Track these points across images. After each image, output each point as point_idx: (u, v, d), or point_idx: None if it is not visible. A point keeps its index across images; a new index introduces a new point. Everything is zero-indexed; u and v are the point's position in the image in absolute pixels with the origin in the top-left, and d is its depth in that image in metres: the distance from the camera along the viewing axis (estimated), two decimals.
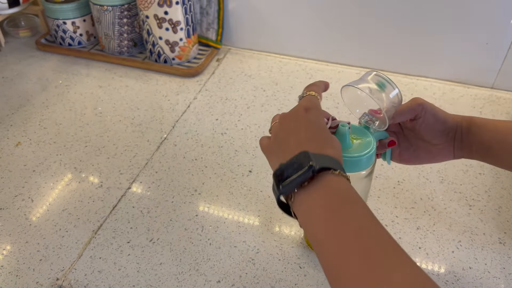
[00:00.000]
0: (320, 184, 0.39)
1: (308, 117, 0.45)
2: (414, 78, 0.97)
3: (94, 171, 0.76)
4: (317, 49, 1.02)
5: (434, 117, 0.52)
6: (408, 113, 0.52)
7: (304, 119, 0.45)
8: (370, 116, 0.53)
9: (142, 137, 0.83)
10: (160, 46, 0.98)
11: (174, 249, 0.63)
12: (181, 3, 0.92)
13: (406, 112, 0.52)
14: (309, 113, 0.45)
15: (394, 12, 0.91)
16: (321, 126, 0.45)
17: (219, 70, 1.01)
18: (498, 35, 0.87)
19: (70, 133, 0.84)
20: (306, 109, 0.46)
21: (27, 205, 0.70)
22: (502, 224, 0.66)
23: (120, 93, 0.94)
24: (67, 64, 1.04)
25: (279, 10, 0.99)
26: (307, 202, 0.40)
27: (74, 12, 1.03)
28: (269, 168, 0.75)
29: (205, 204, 0.69)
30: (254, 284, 0.58)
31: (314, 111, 0.46)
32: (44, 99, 0.93)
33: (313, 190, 0.39)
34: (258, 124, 0.85)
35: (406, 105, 0.52)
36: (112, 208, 0.69)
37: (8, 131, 0.85)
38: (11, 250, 0.63)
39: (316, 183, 0.39)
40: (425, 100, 0.52)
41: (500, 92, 0.94)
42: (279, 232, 0.65)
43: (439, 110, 0.52)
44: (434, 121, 0.52)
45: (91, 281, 0.59)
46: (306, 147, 0.42)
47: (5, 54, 1.08)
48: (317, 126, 0.45)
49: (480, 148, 0.52)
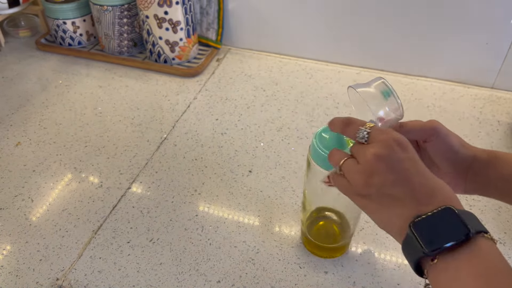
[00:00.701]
0: (472, 249, 0.35)
1: (414, 157, 0.39)
2: (414, 78, 0.97)
3: (94, 171, 0.76)
4: (317, 49, 1.02)
5: (446, 145, 0.47)
6: (418, 133, 0.47)
7: (411, 160, 0.39)
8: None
9: (142, 137, 0.83)
10: (160, 46, 0.98)
11: (174, 249, 0.63)
12: (181, 3, 0.92)
13: (416, 132, 0.47)
14: (408, 152, 0.39)
15: (394, 12, 0.91)
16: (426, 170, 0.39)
17: (219, 70, 1.01)
18: (498, 35, 0.87)
19: (70, 133, 0.84)
20: (401, 146, 0.39)
21: (27, 205, 0.70)
22: (502, 224, 0.66)
23: (120, 93, 0.94)
24: (67, 64, 1.04)
25: (279, 10, 0.99)
26: (455, 269, 0.35)
27: (74, 12, 1.03)
28: (269, 168, 0.75)
29: (205, 204, 0.69)
30: (254, 284, 0.58)
31: (411, 147, 0.40)
32: (44, 99, 0.93)
33: (464, 257, 0.34)
34: (258, 124, 0.85)
35: (420, 124, 0.47)
36: (112, 208, 0.69)
37: (8, 131, 0.85)
38: (11, 250, 0.63)
39: (468, 248, 0.35)
40: (441, 125, 0.47)
41: (500, 92, 0.93)
42: (279, 232, 0.65)
43: (455, 138, 0.47)
44: (446, 149, 0.47)
45: (91, 281, 0.59)
46: (441, 200, 0.37)
47: (5, 54, 1.08)
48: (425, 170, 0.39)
49: (500, 183, 0.47)
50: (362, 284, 0.58)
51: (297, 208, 0.68)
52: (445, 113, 0.87)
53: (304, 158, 0.77)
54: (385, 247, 0.63)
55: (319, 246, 0.61)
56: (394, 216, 0.38)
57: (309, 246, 0.62)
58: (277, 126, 0.84)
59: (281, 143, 0.81)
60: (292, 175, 0.74)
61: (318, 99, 0.91)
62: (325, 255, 0.61)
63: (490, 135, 0.82)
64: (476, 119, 0.86)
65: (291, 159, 0.77)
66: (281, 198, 0.70)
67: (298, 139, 0.81)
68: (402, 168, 0.38)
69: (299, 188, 0.72)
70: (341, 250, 0.62)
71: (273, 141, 0.81)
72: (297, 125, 0.85)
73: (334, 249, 0.61)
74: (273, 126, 0.85)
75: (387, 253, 0.62)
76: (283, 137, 0.82)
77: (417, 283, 0.58)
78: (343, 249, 0.62)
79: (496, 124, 0.85)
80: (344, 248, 0.62)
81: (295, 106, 0.90)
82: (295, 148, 0.80)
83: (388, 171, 0.38)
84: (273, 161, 0.77)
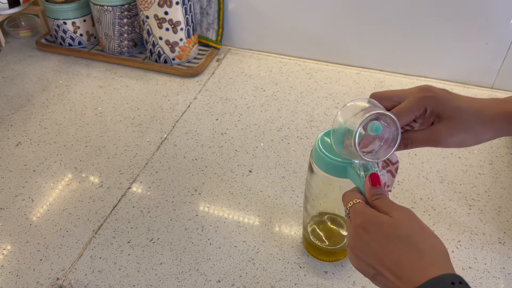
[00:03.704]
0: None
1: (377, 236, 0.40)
2: (414, 78, 0.97)
3: (94, 171, 0.76)
4: (317, 49, 1.02)
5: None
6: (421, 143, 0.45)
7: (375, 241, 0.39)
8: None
9: (142, 137, 0.83)
10: (160, 46, 0.98)
11: (174, 249, 0.63)
12: (181, 4, 0.93)
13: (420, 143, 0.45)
14: (370, 232, 0.40)
15: (394, 12, 0.91)
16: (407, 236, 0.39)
17: (219, 70, 1.01)
18: (498, 35, 0.87)
19: (70, 133, 0.84)
20: (364, 229, 0.40)
21: (27, 205, 0.70)
22: (502, 224, 0.66)
23: (120, 93, 0.94)
24: (67, 64, 1.04)
25: (279, 10, 0.99)
26: None
27: (75, 12, 1.03)
28: (269, 168, 0.75)
29: (205, 204, 0.69)
30: (254, 284, 0.58)
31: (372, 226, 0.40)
32: (44, 99, 0.93)
33: None
34: (258, 124, 0.85)
35: (422, 139, 0.45)
36: (112, 208, 0.69)
37: (8, 131, 0.85)
38: (12, 250, 0.63)
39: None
40: (441, 133, 0.44)
41: (500, 92, 0.94)
42: (279, 232, 0.65)
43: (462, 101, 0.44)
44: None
45: (91, 281, 0.59)
46: (408, 276, 0.37)
47: (6, 54, 1.08)
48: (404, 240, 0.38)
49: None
50: (362, 284, 0.58)
51: (297, 208, 0.68)
52: None
53: (304, 158, 0.77)
54: None
55: (322, 250, 0.61)
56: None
57: (312, 251, 0.62)
58: (277, 126, 0.85)
59: (281, 143, 0.81)
60: (292, 175, 0.74)
61: (318, 99, 0.92)
62: (328, 259, 0.61)
63: None
64: None
65: (291, 159, 0.77)
66: (281, 198, 0.70)
67: (298, 139, 0.81)
68: (371, 252, 0.40)
69: (299, 188, 0.72)
70: (344, 253, 0.61)
71: (273, 141, 0.81)
72: (297, 125, 0.85)
73: (336, 252, 0.61)
74: (273, 126, 0.85)
75: None
76: (283, 137, 0.82)
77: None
78: (346, 253, 0.61)
79: None
80: (346, 251, 0.62)
81: (295, 106, 0.90)
82: (295, 148, 0.80)
83: (364, 258, 0.40)
84: (273, 161, 0.77)
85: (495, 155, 0.78)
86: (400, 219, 0.40)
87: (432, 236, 0.39)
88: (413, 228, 0.39)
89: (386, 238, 0.39)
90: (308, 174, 0.55)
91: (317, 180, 0.53)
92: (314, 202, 0.57)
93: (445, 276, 0.35)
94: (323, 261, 0.61)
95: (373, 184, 0.44)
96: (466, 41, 0.90)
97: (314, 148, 0.51)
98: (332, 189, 0.53)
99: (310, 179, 0.54)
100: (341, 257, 0.61)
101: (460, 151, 0.79)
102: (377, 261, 0.39)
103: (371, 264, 0.40)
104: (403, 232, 0.39)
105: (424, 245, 0.38)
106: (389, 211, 0.41)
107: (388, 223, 0.40)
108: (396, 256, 0.38)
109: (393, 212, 0.40)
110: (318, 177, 0.52)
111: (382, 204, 0.42)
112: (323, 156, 0.49)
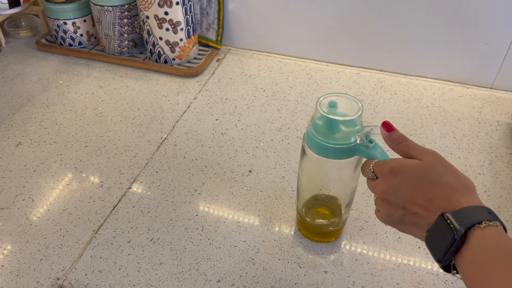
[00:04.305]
0: (469, 245, 0.36)
1: (405, 178, 0.41)
2: (413, 78, 0.97)
3: (94, 171, 0.76)
4: (317, 49, 1.02)
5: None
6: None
7: (405, 182, 0.41)
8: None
9: (143, 137, 0.83)
10: (160, 46, 0.98)
11: (174, 249, 0.63)
12: (181, 4, 0.93)
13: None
14: (398, 176, 0.42)
15: (393, 12, 0.91)
16: (438, 173, 0.40)
17: (219, 70, 1.01)
18: (498, 35, 0.87)
19: (70, 133, 0.84)
20: (393, 174, 0.42)
21: (27, 205, 0.70)
22: None
23: (121, 93, 0.94)
24: (67, 64, 1.04)
25: (279, 10, 0.99)
26: (467, 265, 0.36)
27: (75, 13, 1.03)
28: (269, 168, 0.75)
29: (205, 204, 0.70)
30: (254, 284, 0.58)
31: (402, 170, 0.42)
32: (45, 99, 0.93)
33: (468, 253, 0.36)
34: (258, 124, 0.85)
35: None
36: (112, 207, 0.69)
37: (8, 131, 0.85)
38: (12, 249, 0.63)
39: (466, 245, 0.36)
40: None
41: (499, 92, 0.94)
42: (279, 232, 0.65)
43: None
44: None
45: (91, 281, 0.59)
46: (438, 206, 0.39)
47: (6, 54, 1.08)
48: (432, 177, 0.40)
49: None
50: (361, 284, 0.58)
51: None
52: (444, 113, 0.88)
53: None
54: (385, 246, 0.63)
55: (315, 232, 0.63)
56: (415, 235, 0.42)
57: (305, 231, 0.64)
58: (277, 126, 0.85)
59: (281, 143, 0.81)
60: (292, 175, 0.74)
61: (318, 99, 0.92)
62: (320, 240, 0.63)
63: (490, 135, 0.82)
64: (476, 119, 0.86)
65: (291, 159, 0.77)
66: (281, 198, 0.70)
67: (298, 139, 0.82)
68: (402, 193, 0.41)
69: None
70: (335, 234, 0.63)
71: (273, 141, 0.81)
72: (297, 125, 0.85)
73: (328, 233, 0.63)
74: (273, 126, 0.85)
75: (386, 252, 0.62)
76: (283, 137, 0.82)
77: (416, 283, 0.58)
78: (337, 234, 0.64)
79: (496, 124, 0.85)
80: (338, 232, 0.63)
81: (295, 106, 0.90)
82: (295, 148, 0.80)
83: (394, 200, 0.42)
84: (273, 161, 0.77)
85: (495, 155, 0.78)
86: (431, 162, 0.41)
87: (463, 177, 0.41)
88: (445, 170, 0.41)
89: (418, 179, 0.41)
90: (300, 157, 0.56)
91: (309, 162, 0.55)
92: (306, 184, 0.58)
93: (480, 206, 0.37)
94: (315, 242, 0.63)
95: (388, 130, 0.46)
96: (466, 41, 0.90)
97: (306, 132, 0.53)
98: (324, 170, 0.56)
99: (302, 161, 0.56)
100: (332, 238, 0.63)
101: (460, 151, 0.79)
102: (409, 200, 0.40)
103: (401, 205, 0.41)
104: (436, 174, 0.40)
105: (457, 184, 0.40)
106: (417, 154, 0.43)
107: (419, 166, 0.41)
108: (429, 194, 0.40)
109: (422, 156, 0.42)
110: (310, 159, 0.54)
111: (407, 148, 0.44)
112: (315, 139, 0.51)
